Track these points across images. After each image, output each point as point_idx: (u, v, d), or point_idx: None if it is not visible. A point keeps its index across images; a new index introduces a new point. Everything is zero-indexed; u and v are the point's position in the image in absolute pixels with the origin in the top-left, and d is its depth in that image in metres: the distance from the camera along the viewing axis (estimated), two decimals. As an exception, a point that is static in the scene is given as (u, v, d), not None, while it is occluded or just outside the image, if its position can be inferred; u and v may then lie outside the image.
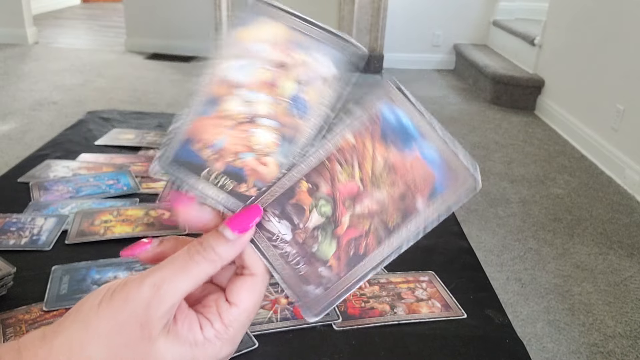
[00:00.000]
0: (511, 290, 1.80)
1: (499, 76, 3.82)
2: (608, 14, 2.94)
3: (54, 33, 5.54)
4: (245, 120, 0.32)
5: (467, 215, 2.27)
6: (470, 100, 3.98)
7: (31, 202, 0.87)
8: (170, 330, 0.29)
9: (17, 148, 2.65)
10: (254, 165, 0.32)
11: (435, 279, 0.73)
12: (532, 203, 2.42)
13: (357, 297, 0.67)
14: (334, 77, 0.33)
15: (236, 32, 0.32)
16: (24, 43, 4.80)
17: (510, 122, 3.52)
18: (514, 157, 2.95)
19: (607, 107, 2.85)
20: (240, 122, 0.32)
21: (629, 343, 1.59)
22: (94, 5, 7.53)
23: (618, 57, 2.81)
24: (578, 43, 3.27)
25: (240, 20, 0.32)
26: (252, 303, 0.31)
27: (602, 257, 2.02)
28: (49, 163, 1.01)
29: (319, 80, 0.33)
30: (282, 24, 0.32)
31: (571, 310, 1.72)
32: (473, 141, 3.14)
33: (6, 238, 0.76)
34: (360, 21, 4.50)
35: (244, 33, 0.32)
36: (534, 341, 1.57)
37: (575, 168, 2.84)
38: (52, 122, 3.02)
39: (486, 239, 2.10)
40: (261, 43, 0.32)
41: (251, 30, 0.32)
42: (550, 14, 3.70)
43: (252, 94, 0.32)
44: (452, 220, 0.91)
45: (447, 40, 4.83)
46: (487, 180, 2.63)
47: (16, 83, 3.73)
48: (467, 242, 0.84)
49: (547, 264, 1.96)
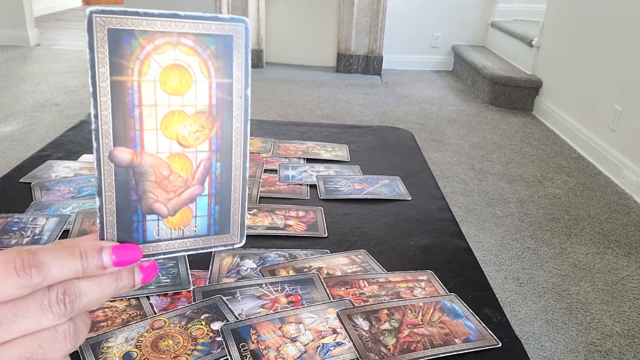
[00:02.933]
0: (509, 289, 1.81)
1: (497, 77, 3.83)
2: (605, 15, 2.96)
3: (55, 35, 5.54)
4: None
5: (466, 215, 2.28)
6: (469, 101, 3.99)
7: (33, 202, 0.88)
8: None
9: (19, 149, 2.65)
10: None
11: (433, 278, 0.74)
12: (530, 203, 2.43)
13: (356, 297, 0.68)
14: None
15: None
16: (26, 45, 4.81)
17: (508, 123, 3.53)
18: (512, 157, 2.96)
19: (605, 107, 2.87)
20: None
21: (627, 342, 1.60)
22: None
23: (616, 58, 2.82)
24: (576, 44, 3.29)
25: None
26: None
27: (599, 257, 2.03)
28: (51, 163, 1.02)
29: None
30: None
31: (569, 309, 1.73)
32: (471, 141, 3.15)
33: (8, 238, 0.77)
34: (360, 23, 4.51)
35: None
36: (532, 340, 1.58)
37: (572, 168, 2.85)
38: (54, 123, 3.03)
39: (484, 238, 2.11)
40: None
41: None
42: (547, 15, 3.71)
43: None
44: (450, 220, 0.92)
45: (446, 41, 4.84)
46: (486, 180, 2.64)
47: (18, 85, 3.74)
48: (465, 242, 0.85)
49: (544, 263, 1.97)
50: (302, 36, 4.71)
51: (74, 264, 0.29)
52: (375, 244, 0.82)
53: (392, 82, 4.44)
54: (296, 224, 0.86)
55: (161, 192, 0.33)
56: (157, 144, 0.32)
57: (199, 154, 0.33)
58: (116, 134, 0.31)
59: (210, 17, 0.31)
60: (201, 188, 0.34)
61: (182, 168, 0.33)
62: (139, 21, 0.30)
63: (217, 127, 0.33)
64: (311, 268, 0.74)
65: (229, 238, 0.36)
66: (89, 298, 0.30)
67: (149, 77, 0.31)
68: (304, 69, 4.66)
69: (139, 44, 0.30)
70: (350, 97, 3.94)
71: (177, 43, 0.31)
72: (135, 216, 0.32)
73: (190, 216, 0.34)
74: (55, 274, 0.28)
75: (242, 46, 0.32)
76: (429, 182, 1.07)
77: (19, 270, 0.27)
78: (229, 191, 0.35)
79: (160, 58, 0.31)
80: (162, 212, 0.33)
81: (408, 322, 0.64)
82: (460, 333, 0.63)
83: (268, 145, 1.18)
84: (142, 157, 0.32)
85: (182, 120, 0.32)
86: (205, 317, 0.62)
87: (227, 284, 0.69)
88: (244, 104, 0.33)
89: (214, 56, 0.32)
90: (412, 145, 1.27)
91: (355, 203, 0.95)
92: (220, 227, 0.35)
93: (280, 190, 0.97)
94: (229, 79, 0.33)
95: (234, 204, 0.35)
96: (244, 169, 0.35)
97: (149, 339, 0.58)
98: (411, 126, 3.32)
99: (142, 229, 0.33)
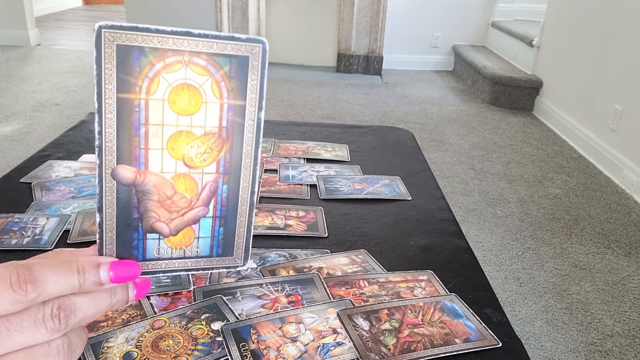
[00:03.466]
0: (509, 289, 1.81)
1: (498, 77, 3.83)
2: (606, 15, 2.96)
3: (56, 35, 5.55)
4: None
5: (466, 215, 2.28)
6: (469, 101, 3.99)
7: (33, 202, 0.88)
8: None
9: (20, 149, 2.65)
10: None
11: (434, 278, 0.74)
12: (530, 203, 2.43)
13: (357, 297, 0.68)
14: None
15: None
16: (26, 45, 4.81)
17: (509, 123, 3.53)
18: (512, 157, 2.96)
19: (605, 107, 2.86)
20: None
21: (627, 342, 1.59)
22: (95, 7, 7.54)
23: (616, 58, 2.82)
24: (576, 44, 3.29)
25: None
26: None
27: (600, 257, 2.03)
28: (51, 163, 1.02)
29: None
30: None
31: (569, 309, 1.73)
32: (472, 141, 3.15)
33: (8, 238, 0.77)
34: (360, 23, 4.51)
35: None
36: (532, 340, 1.58)
37: (573, 168, 2.85)
38: (54, 123, 3.03)
39: (485, 238, 2.11)
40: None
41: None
42: (548, 15, 3.71)
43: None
44: (450, 220, 0.92)
45: (446, 41, 4.84)
46: (486, 180, 2.64)
47: (18, 85, 3.74)
48: (465, 242, 0.85)
49: (545, 263, 1.97)
50: (303, 36, 4.71)
51: (70, 280, 0.29)
52: (376, 244, 0.82)
53: (392, 82, 4.44)
54: (296, 224, 0.86)
55: (164, 211, 0.32)
56: (162, 163, 0.31)
57: (205, 176, 0.33)
58: (120, 152, 0.30)
59: (226, 36, 0.30)
60: (205, 210, 0.33)
61: (187, 189, 0.32)
62: (150, 38, 0.29)
63: (227, 150, 0.32)
64: (311, 268, 0.74)
65: (232, 260, 0.36)
66: (84, 314, 0.29)
67: (157, 95, 0.30)
68: (304, 69, 4.66)
69: (149, 62, 0.29)
70: (350, 97, 3.94)
71: (188, 62, 0.30)
72: (136, 234, 0.32)
73: (193, 237, 0.34)
74: (51, 290, 0.28)
75: (258, 67, 0.31)
76: (429, 182, 1.07)
77: (15, 286, 0.27)
78: (235, 214, 0.34)
79: (170, 77, 0.30)
80: (163, 231, 0.33)
81: (408, 322, 0.64)
82: (461, 333, 0.63)
83: (268, 145, 1.18)
84: (146, 176, 0.31)
85: (189, 141, 0.32)
86: (206, 317, 0.62)
87: (227, 284, 0.69)
88: (256, 127, 0.32)
89: (228, 77, 0.31)
90: (413, 145, 1.27)
91: (355, 203, 0.95)
92: (224, 250, 0.35)
93: (280, 190, 0.97)
94: (242, 101, 0.32)
95: (239, 227, 0.35)
96: (251, 193, 0.34)
97: (149, 339, 0.58)
98: (411, 126, 3.32)
99: (142, 247, 0.33)
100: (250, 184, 0.34)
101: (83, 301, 0.29)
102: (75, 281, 0.29)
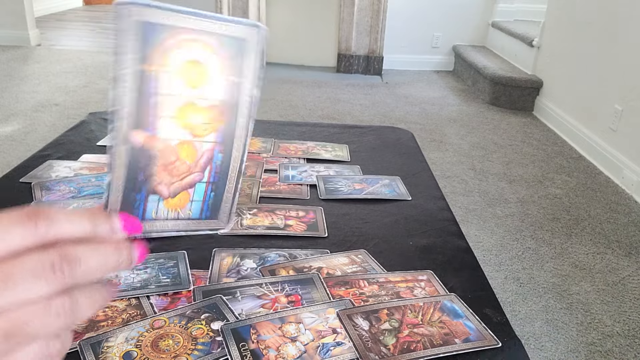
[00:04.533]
0: (509, 289, 1.81)
1: (498, 77, 3.83)
2: (606, 15, 2.96)
3: (56, 35, 5.55)
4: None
5: (466, 215, 2.28)
6: (469, 101, 3.99)
7: (33, 202, 0.88)
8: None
9: (20, 149, 2.66)
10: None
11: (433, 278, 0.74)
12: (530, 203, 2.43)
13: (356, 297, 0.68)
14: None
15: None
16: (27, 45, 4.81)
17: (509, 123, 3.53)
18: (512, 157, 2.96)
19: (605, 107, 2.86)
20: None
21: (627, 342, 1.59)
22: (96, 7, 7.54)
23: (616, 58, 2.82)
24: (576, 44, 3.29)
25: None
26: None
27: (600, 257, 2.03)
28: (51, 163, 1.02)
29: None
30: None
31: (569, 309, 1.73)
32: (472, 142, 3.15)
33: (10, 238, 0.77)
34: (360, 23, 4.51)
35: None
36: (532, 340, 1.58)
37: (573, 168, 2.85)
38: (54, 124, 3.03)
39: (484, 238, 2.11)
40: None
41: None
42: (548, 15, 3.71)
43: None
44: (450, 220, 0.92)
45: (446, 41, 4.84)
46: (486, 180, 2.64)
47: (19, 85, 3.74)
48: (465, 242, 0.85)
49: (545, 263, 1.97)
50: (303, 36, 4.71)
51: (82, 221, 0.28)
52: (375, 244, 0.82)
53: (392, 82, 4.44)
54: (296, 224, 0.86)
55: (166, 175, 0.35)
56: (169, 131, 0.34)
57: (204, 144, 0.36)
58: (132, 118, 0.33)
59: (230, 19, 0.34)
60: (201, 175, 0.37)
61: (188, 155, 0.36)
62: (165, 15, 0.32)
63: (224, 121, 0.36)
64: (311, 268, 0.74)
65: (217, 223, 0.39)
66: (88, 265, 0.27)
67: (169, 68, 0.33)
68: (304, 69, 4.66)
69: (163, 37, 0.32)
70: (350, 97, 3.94)
71: (198, 40, 0.33)
72: (139, 195, 0.35)
73: (187, 200, 0.37)
74: (62, 228, 0.27)
75: (254, 49, 0.35)
76: (429, 182, 1.07)
77: (25, 218, 0.26)
78: (225, 180, 0.38)
79: (181, 52, 0.33)
80: (163, 193, 0.36)
81: (408, 322, 0.64)
82: (460, 333, 0.63)
83: (268, 145, 1.18)
84: (155, 141, 0.34)
85: (195, 112, 0.35)
86: (206, 317, 0.62)
87: (227, 284, 0.69)
88: (251, 102, 0.36)
89: (229, 56, 0.34)
90: (413, 146, 1.27)
91: (355, 203, 0.95)
92: (211, 213, 0.38)
93: (280, 190, 0.97)
94: (240, 78, 0.35)
95: (227, 193, 0.38)
96: (241, 162, 0.38)
97: (149, 339, 0.58)
98: (411, 126, 3.32)
99: (142, 208, 0.35)
100: (241, 154, 0.38)
101: (89, 251, 0.28)
102: (87, 223, 0.29)
